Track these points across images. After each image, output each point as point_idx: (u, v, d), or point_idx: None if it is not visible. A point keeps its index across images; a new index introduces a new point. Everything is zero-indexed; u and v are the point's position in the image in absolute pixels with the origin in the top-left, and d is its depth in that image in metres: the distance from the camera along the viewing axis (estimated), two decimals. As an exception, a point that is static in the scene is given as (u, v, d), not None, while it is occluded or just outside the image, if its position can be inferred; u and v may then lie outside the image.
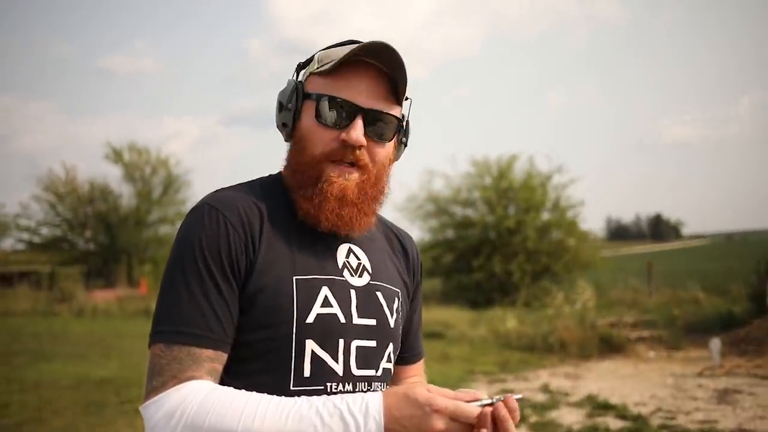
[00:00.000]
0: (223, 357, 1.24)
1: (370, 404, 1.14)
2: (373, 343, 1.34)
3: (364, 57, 1.30)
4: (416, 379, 1.59)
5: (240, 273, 1.25)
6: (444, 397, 1.13)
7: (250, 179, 1.42)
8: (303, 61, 1.41)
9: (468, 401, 1.14)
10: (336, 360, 1.28)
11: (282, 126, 1.37)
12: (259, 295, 1.25)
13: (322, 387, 1.26)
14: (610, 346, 11.41)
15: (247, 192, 1.34)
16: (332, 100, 1.30)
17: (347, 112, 1.30)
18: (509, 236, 19.91)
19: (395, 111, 1.35)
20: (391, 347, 1.39)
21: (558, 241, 20.67)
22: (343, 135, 1.29)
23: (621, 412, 6.97)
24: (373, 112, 1.31)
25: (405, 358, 1.55)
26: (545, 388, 8.38)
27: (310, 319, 1.26)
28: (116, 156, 28.97)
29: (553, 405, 7.38)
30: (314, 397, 1.17)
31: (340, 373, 1.28)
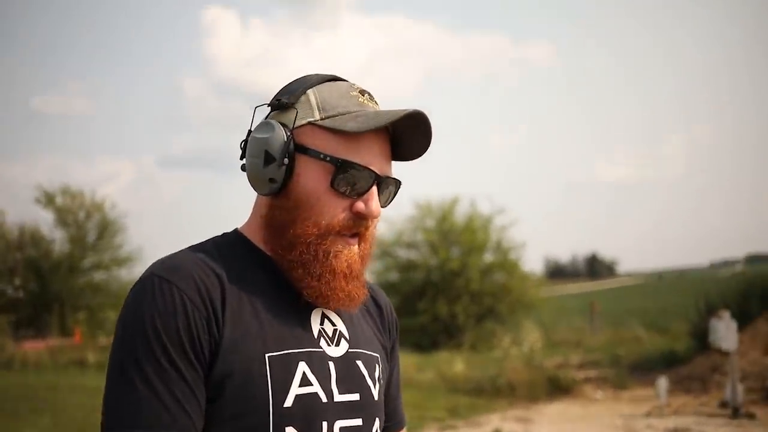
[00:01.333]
0: None
1: None
2: (358, 422, 1.17)
3: (395, 125, 1.15)
4: None
5: (204, 356, 1.05)
6: None
7: (198, 241, 1.21)
8: (283, 98, 1.18)
9: None
10: None
11: (269, 181, 1.14)
12: (228, 380, 1.05)
13: None
14: (558, 388, 11.40)
15: (201, 256, 1.14)
16: (355, 167, 1.12)
17: (366, 181, 1.13)
18: (453, 278, 19.96)
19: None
20: (377, 423, 1.22)
21: (501, 282, 20.83)
22: (360, 206, 1.13)
23: (576, 457, 6.90)
24: (385, 180, 1.17)
25: (387, 428, 1.35)
26: (498, 434, 8.26)
27: (288, 402, 1.08)
28: (48, 200, 28.03)
29: (508, 451, 7.26)
30: None
31: None
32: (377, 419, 1.22)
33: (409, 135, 1.18)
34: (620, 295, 50.19)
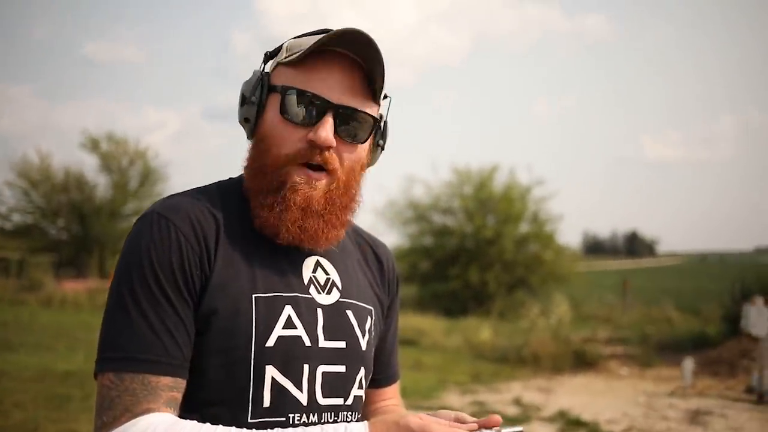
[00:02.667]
0: (182, 384, 1.09)
1: None
2: (342, 369, 1.20)
3: (336, 47, 1.15)
4: (391, 403, 1.44)
5: (195, 290, 1.10)
6: (440, 426, 1.01)
7: (206, 183, 1.26)
8: (271, 50, 1.25)
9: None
10: (299, 388, 1.14)
11: (244, 121, 1.21)
12: (214, 316, 1.10)
13: (284, 418, 1.12)
14: (583, 362, 11.40)
15: (202, 198, 1.18)
16: (300, 93, 1.14)
17: (317, 108, 1.14)
18: (487, 246, 19.94)
19: (371, 109, 1.20)
20: (362, 372, 1.25)
21: (535, 253, 20.74)
22: (311, 134, 1.13)
23: (593, 430, 6.92)
24: (345, 110, 1.15)
25: (378, 380, 1.40)
26: (517, 401, 8.32)
27: (271, 342, 1.12)
28: (93, 145, 28.52)
29: (525, 419, 7.31)
30: (289, 430, 1.05)
31: (304, 402, 1.14)
32: (362, 369, 1.24)
33: (367, 61, 1.16)
34: (657, 275, 49.59)
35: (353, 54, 1.16)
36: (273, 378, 1.12)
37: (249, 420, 1.10)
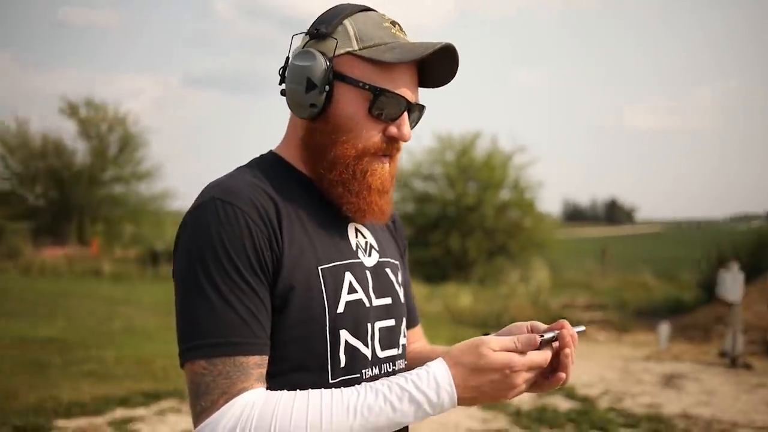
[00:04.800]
0: (267, 359, 1.16)
1: (438, 377, 1.11)
2: (391, 322, 1.33)
3: (428, 57, 1.23)
4: (420, 345, 1.56)
5: (268, 271, 1.16)
6: (515, 354, 1.12)
7: (241, 164, 1.30)
8: (321, 28, 1.25)
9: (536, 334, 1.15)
10: (366, 345, 1.26)
11: (310, 106, 1.23)
12: (291, 293, 1.17)
13: (358, 375, 1.24)
14: (561, 327, 11.55)
15: (254, 180, 1.23)
16: (392, 95, 1.22)
17: (398, 106, 1.24)
18: (467, 213, 20.02)
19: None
20: (404, 322, 1.38)
21: (515, 220, 20.86)
22: (393, 130, 1.24)
23: (569, 393, 7.03)
24: (417, 107, 1.28)
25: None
26: (496, 366, 8.43)
27: (341, 308, 1.22)
28: (72, 111, 28.14)
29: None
30: (376, 382, 1.13)
31: (370, 357, 1.26)
32: (404, 319, 1.38)
33: (437, 65, 1.27)
34: (635, 242, 50.13)
35: (439, 66, 1.27)
36: (346, 341, 1.22)
37: (330, 381, 1.20)
